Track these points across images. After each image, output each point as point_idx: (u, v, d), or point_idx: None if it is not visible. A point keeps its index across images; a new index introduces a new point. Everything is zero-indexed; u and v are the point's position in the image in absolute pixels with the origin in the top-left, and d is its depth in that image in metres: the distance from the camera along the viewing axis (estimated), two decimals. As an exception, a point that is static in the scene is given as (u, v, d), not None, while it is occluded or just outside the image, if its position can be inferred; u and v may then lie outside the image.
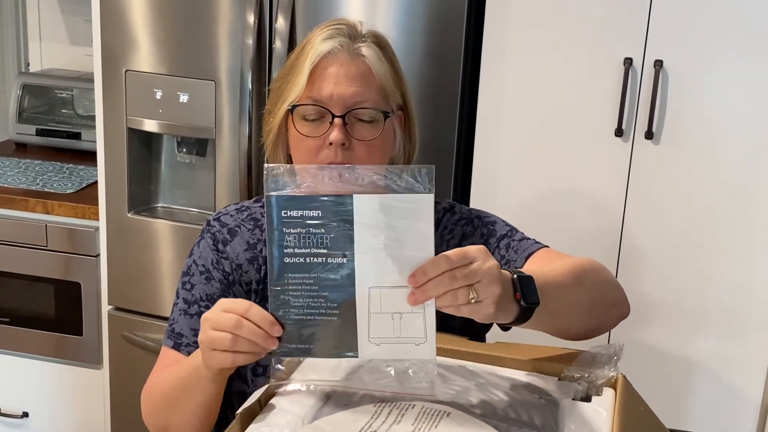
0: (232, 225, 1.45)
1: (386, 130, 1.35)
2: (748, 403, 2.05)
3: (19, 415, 2.77)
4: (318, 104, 1.31)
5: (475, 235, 1.43)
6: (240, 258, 1.42)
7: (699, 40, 1.92)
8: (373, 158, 1.34)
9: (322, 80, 1.31)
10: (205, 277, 1.42)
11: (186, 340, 1.41)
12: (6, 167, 2.81)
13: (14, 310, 2.68)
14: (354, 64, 1.32)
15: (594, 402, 1.09)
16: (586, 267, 1.31)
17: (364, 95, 1.32)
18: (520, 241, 1.42)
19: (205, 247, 1.44)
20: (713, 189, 1.98)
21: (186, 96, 2.27)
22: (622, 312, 1.36)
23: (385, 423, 1.00)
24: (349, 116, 1.32)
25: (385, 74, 1.34)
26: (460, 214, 1.47)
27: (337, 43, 1.32)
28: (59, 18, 3.25)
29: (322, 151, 1.32)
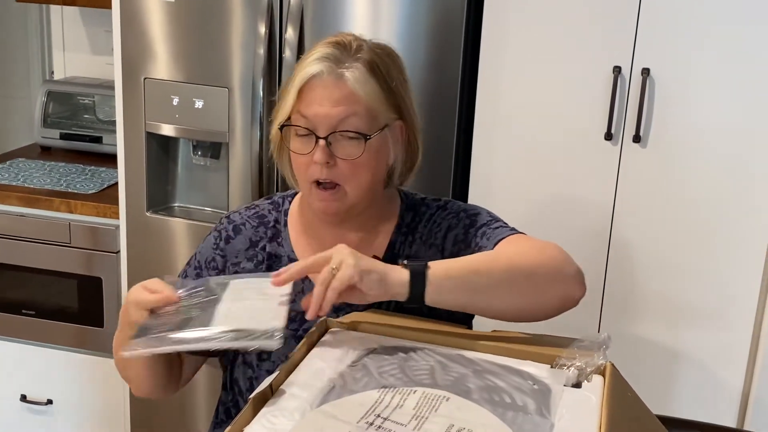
0: (238, 222, 1.47)
1: (371, 148, 1.34)
2: (730, 390, 2.06)
3: (43, 402, 2.77)
4: (303, 125, 1.32)
5: (458, 227, 1.43)
6: (240, 256, 1.44)
7: (684, 50, 1.92)
8: (358, 174, 1.34)
9: (310, 100, 1.32)
10: (196, 273, 1.46)
11: None
12: (32, 169, 2.82)
13: (39, 303, 2.68)
14: (337, 87, 1.31)
15: (584, 388, 1.09)
16: (538, 246, 1.31)
17: (346, 117, 1.31)
18: (495, 229, 1.41)
19: (207, 245, 1.47)
20: (697, 189, 1.98)
21: (201, 102, 2.28)
22: (567, 292, 1.29)
23: (388, 407, 1.00)
24: (332, 136, 1.32)
25: (370, 95, 1.33)
26: (449, 210, 1.46)
27: (323, 66, 1.31)
28: (82, 29, 3.25)
29: (310, 167, 1.33)
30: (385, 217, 1.45)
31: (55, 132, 3.00)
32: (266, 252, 1.44)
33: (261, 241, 1.44)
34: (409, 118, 1.41)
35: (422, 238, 1.44)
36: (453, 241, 1.42)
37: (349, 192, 1.35)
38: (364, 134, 1.33)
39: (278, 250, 1.43)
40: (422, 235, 1.44)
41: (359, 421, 0.97)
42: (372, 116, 1.34)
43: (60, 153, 3.02)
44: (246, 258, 1.44)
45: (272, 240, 1.44)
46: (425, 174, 2.13)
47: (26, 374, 2.77)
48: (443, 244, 1.43)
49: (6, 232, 2.64)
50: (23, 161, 2.91)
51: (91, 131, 2.98)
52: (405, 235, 1.44)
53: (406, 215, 1.45)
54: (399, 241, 1.44)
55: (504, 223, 1.44)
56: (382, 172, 1.40)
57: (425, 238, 1.44)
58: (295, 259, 1.43)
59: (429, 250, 1.43)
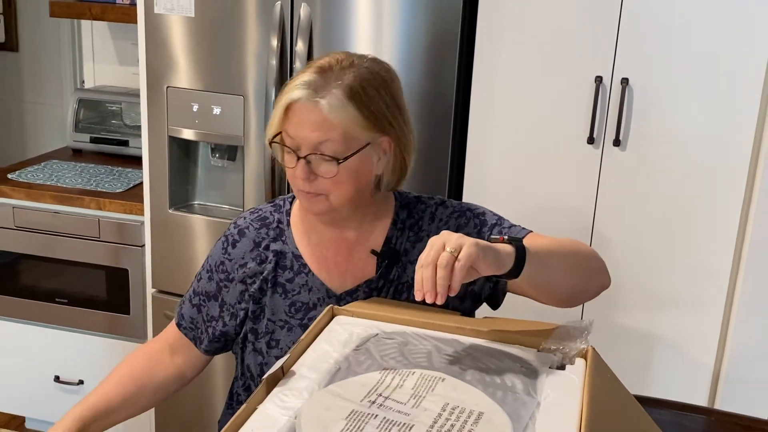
0: (243, 226, 1.46)
1: (347, 167, 1.31)
2: (702, 371, 2.06)
3: (75, 383, 2.78)
4: (288, 144, 1.32)
5: (468, 226, 1.43)
6: (245, 257, 1.43)
7: (659, 61, 1.92)
8: (337, 187, 1.33)
9: (293, 124, 1.31)
10: (208, 276, 1.47)
11: (185, 324, 1.50)
12: (64, 170, 2.83)
13: (71, 292, 2.69)
14: (314, 113, 1.29)
15: (568, 370, 1.10)
16: (570, 241, 1.35)
17: (322, 142, 1.29)
18: (509, 229, 1.42)
19: (216, 250, 1.47)
20: (672, 189, 1.99)
21: (219, 109, 2.28)
22: (603, 281, 1.37)
23: (389, 387, 1.00)
24: (312, 155, 1.30)
25: (346, 120, 1.29)
26: (452, 208, 1.46)
27: (302, 93, 1.29)
28: (110, 42, 3.26)
29: (295, 178, 1.34)
30: (380, 215, 1.44)
31: (86, 136, 3.01)
32: (271, 250, 1.43)
33: (264, 241, 1.44)
34: (395, 134, 1.36)
35: (429, 235, 1.42)
36: None
37: (332, 200, 1.34)
38: (337, 158, 1.30)
39: (283, 248, 1.43)
40: (429, 232, 1.43)
41: (362, 400, 0.97)
42: (349, 139, 1.30)
43: (90, 155, 3.03)
44: (251, 258, 1.43)
45: (276, 239, 1.44)
46: (423, 176, 2.14)
47: (59, 357, 2.78)
48: None
49: (41, 227, 2.65)
50: (56, 162, 2.92)
51: (119, 135, 2.99)
52: (401, 231, 1.43)
53: (401, 212, 1.45)
54: (395, 236, 1.43)
55: (511, 221, 1.45)
56: (366, 182, 1.37)
57: (433, 234, 1.43)
58: (298, 254, 1.42)
59: None
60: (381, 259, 1.41)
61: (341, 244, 1.43)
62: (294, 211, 1.47)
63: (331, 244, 1.43)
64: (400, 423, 0.92)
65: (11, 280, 2.74)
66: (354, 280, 1.42)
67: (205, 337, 1.47)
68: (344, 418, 0.93)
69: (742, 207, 1.95)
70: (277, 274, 1.42)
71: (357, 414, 0.94)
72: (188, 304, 1.49)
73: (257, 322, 1.43)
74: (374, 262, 1.42)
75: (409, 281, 1.41)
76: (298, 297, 1.41)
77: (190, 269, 2.43)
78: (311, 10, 2.14)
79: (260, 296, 1.42)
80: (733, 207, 1.95)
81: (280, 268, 1.42)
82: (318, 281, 1.41)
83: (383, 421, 0.92)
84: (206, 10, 2.23)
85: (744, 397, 2.03)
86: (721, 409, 1.45)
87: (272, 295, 1.42)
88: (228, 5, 2.21)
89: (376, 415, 0.94)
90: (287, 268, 1.42)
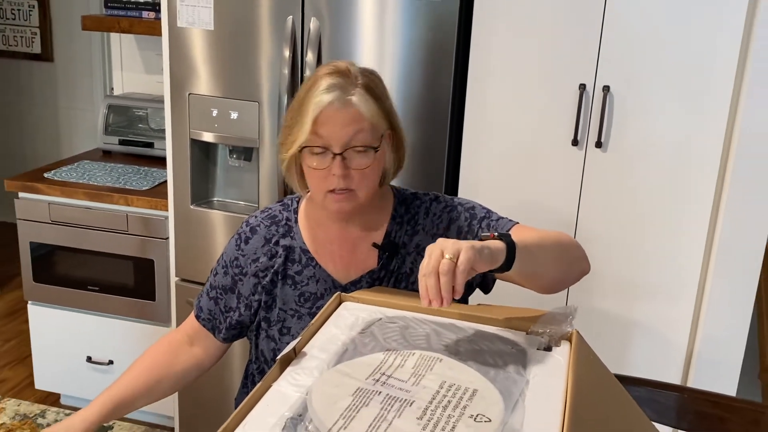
0: (254, 224, 1.46)
1: (377, 157, 1.34)
2: (676, 352, 2.06)
3: (105, 362, 2.79)
4: (321, 144, 1.31)
5: (459, 219, 1.42)
6: (257, 252, 1.43)
7: (638, 71, 1.92)
8: (368, 180, 1.34)
9: (324, 125, 1.30)
10: (224, 271, 1.46)
11: (203, 315, 1.48)
12: (95, 170, 2.83)
13: (102, 280, 2.70)
14: (347, 111, 1.30)
15: (554, 352, 1.10)
16: (554, 232, 1.34)
17: (356, 134, 1.30)
18: (497, 221, 1.41)
19: (231, 246, 1.46)
20: (648, 186, 1.99)
21: (236, 114, 2.28)
22: (583, 267, 1.37)
23: (391, 366, 1.01)
24: (346, 152, 1.31)
25: (371, 113, 1.31)
26: (444, 203, 1.45)
27: (333, 96, 1.29)
28: (137, 53, 3.26)
29: (327, 178, 1.32)
30: (380, 210, 1.44)
31: (115, 138, 3.02)
32: (281, 245, 1.43)
33: (274, 238, 1.44)
34: (396, 128, 1.39)
35: (425, 229, 1.43)
36: (457, 232, 1.41)
37: (359, 195, 1.34)
38: (374, 147, 1.32)
39: (291, 243, 1.43)
40: (424, 226, 1.43)
41: (367, 378, 0.97)
42: (375, 130, 1.33)
43: (119, 156, 3.03)
44: (263, 253, 1.43)
45: (285, 235, 1.44)
46: (422, 175, 2.15)
47: (91, 339, 2.79)
48: (446, 235, 1.41)
49: (74, 222, 2.66)
50: (88, 163, 2.92)
51: (145, 138, 2.99)
52: (399, 225, 1.43)
53: (399, 208, 1.44)
54: (395, 230, 1.43)
55: (498, 214, 1.44)
56: (381, 175, 1.39)
57: (428, 228, 1.43)
58: (306, 249, 1.42)
59: (432, 239, 1.42)
60: (382, 252, 1.41)
61: (346, 238, 1.43)
62: (301, 209, 1.46)
63: (337, 240, 1.43)
64: (402, 399, 0.92)
65: (48, 269, 2.74)
66: (357, 271, 1.42)
67: (222, 326, 1.47)
68: (351, 395, 0.93)
69: (712, 203, 1.95)
70: (287, 267, 1.42)
71: (362, 391, 0.94)
72: (206, 297, 1.48)
73: (269, 311, 1.43)
74: (376, 255, 1.42)
75: (407, 271, 1.42)
76: (307, 288, 1.42)
77: (210, 260, 2.43)
78: (320, 23, 2.14)
79: (272, 288, 1.42)
80: (704, 203, 1.95)
81: (289, 261, 1.42)
82: (324, 273, 1.41)
83: (386, 397, 0.93)
84: (224, 24, 2.23)
85: (713, 376, 2.03)
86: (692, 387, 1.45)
87: (283, 287, 1.42)
88: (244, 19, 2.21)
89: (379, 392, 0.94)
90: (296, 262, 1.42)
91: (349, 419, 0.87)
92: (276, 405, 0.92)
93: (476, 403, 0.92)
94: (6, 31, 4.39)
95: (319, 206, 1.41)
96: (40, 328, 2.82)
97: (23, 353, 3.30)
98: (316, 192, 1.36)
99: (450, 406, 0.91)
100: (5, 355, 3.32)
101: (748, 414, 1.38)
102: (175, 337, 1.50)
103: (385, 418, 0.87)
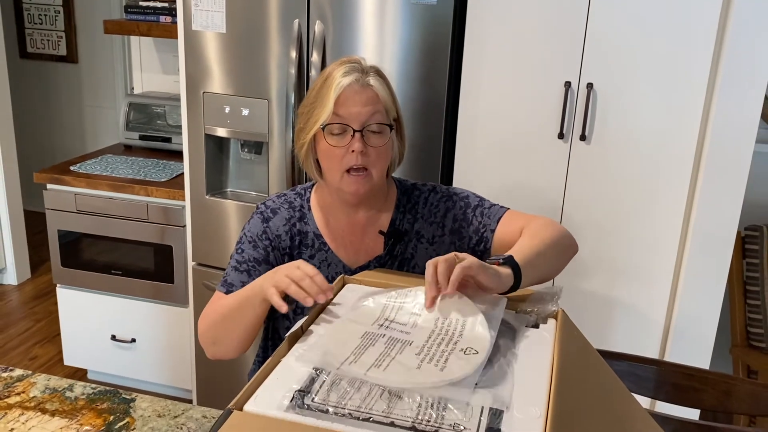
0: (273, 207, 1.45)
1: (390, 139, 1.35)
2: (655, 329, 2.06)
3: (128, 341, 2.80)
4: (342, 122, 1.31)
5: (455, 208, 1.43)
6: (279, 230, 1.42)
7: (620, 69, 1.92)
8: (382, 160, 1.34)
9: (344, 104, 1.30)
10: (252, 245, 1.41)
11: (235, 289, 1.38)
12: (118, 163, 2.83)
13: (125, 265, 2.71)
14: (366, 92, 1.31)
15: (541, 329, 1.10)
16: (547, 228, 1.31)
17: (373, 114, 1.31)
18: (490, 208, 1.42)
19: (255, 223, 1.43)
20: (629, 176, 1.98)
21: (247, 110, 2.28)
22: (574, 251, 1.37)
23: (393, 310, 1.04)
24: (365, 130, 1.31)
25: (386, 97, 1.34)
26: (441, 193, 1.46)
27: (353, 77, 1.31)
28: (155, 55, 3.25)
29: (346, 157, 1.32)
30: (385, 200, 1.44)
31: (135, 134, 3.01)
32: (296, 229, 1.43)
33: (292, 220, 1.43)
34: (401, 119, 1.40)
35: (423, 217, 1.43)
36: (453, 220, 1.42)
37: (374, 175, 1.34)
38: (389, 124, 1.33)
39: (305, 228, 1.42)
40: (423, 215, 1.43)
41: (373, 324, 1.03)
42: (388, 112, 1.34)
43: (139, 150, 3.03)
44: (284, 232, 1.42)
45: (300, 220, 1.43)
46: (419, 164, 2.14)
47: (115, 319, 2.80)
48: (443, 222, 1.42)
49: (99, 211, 2.66)
50: (111, 156, 2.92)
51: (163, 133, 2.98)
52: (402, 214, 1.44)
53: (402, 198, 1.45)
54: (398, 218, 1.43)
55: (492, 202, 1.44)
56: (389, 162, 1.39)
57: (426, 217, 1.43)
58: (319, 234, 1.42)
59: (431, 227, 1.43)
60: (388, 239, 1.41)
61: (355, 225, 1.43)
62: (313, 197, 1.46)
63: (347, 226, 1.43)
64: (403, 340, 0.98)
65: (74, 255, 2.75)
66: (366, 256, 1.42)
67: None
68: (360, 337, 0.98)
69: (687, 191, 1.95)
70: (301, 251, 1.42)
71: (369, 334, 0.99)
72: (235, 273, 1.40)
73: None
74: (382, 241, 1.42)
75: (409, 257, 1.42)
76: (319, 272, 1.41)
77: (225, 245, 2.44)
78: (324, 26, 2.13)
79: None
80: (680, 191, 1.95)
81: (303, 246, 1.42)
82: (336, 258, 1.41)
83: (390, 339, 0.98)
84: (235, 27, 2.22)
85: (689, 351, 2.04)
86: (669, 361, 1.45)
87: None
88: (254, 22, 2.20)
89: (384, 335, 0.99)
90: (309, 246, 1.42)
91: (359, 355, 0.93)
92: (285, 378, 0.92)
93: (466, 338, 0.98)
94: (34, 35, 4.37)
95: (334, 189, 1.39)
96: (68, 309, 2.83)
97: (53, 332, 3.31)
98: (334, 173, 1.35)
99: (444, 342, 0.97)
100: (36, 334, 3.33)
101: (720, 385, 1.39)
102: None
103: (389, 355, 0.94)
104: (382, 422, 0.83)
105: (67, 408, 1.31)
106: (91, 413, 1.30)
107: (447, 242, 1.42)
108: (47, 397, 1.34)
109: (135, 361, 2.82)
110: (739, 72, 1.83)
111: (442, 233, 1.42)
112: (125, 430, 1.25)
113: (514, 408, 0.87)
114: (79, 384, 1.39)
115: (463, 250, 1.41)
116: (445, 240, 1.42)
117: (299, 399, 0.87)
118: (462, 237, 1.41)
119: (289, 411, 0.84)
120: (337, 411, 0.84)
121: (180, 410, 1.32)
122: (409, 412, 0.84)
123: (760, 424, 2.18)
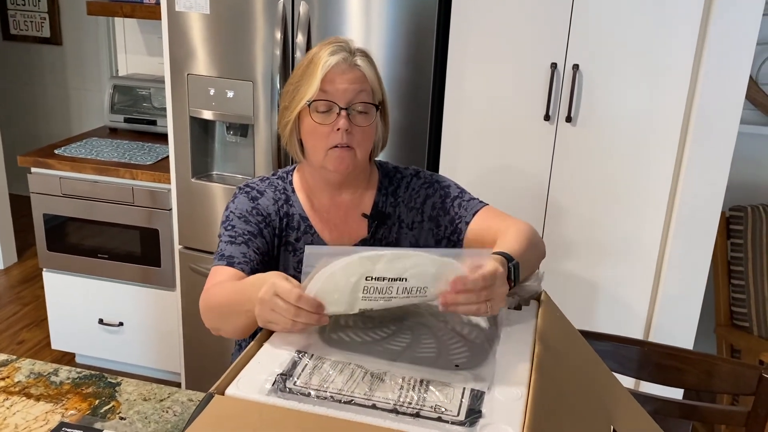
0: (258, 188, 1.42)
1: (374, 119, 1.35)
2: (637, 312, 2.08)
3: (116, 324, 2.80)
4: (328, 99, 1.30)
5: (435, 196, 1.43)
6: (269, 209, 1.39)
7: (605, 51, 1.91)
8: (366, 141, 1.34)
9: (331, 82, 1.30)
10: (243, 220, 1.36)
11: (237, 260, 1.30)
12: (103, 146, 2.81)
13: (112, 249, 2.69)
14: (352, 71, 1.31)
15: (523, 310, 1.11)
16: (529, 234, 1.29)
17: (360, 92, 1.31)
18: (468, 201, 1.41)
19: (241, 201, 1.39)
20: (614, 158, 1.99)
21: (232, 92, 2.26)
22: (544, 256, 1.34)
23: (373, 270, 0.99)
24: (350, 109, 1.31)
25: (372, 78, 1.34)
26: (423, 179, 1.45)
27: (341, 57, 1.31)
28: (139, 36, 3.22)
29: (331, 135, 1.31)
30: (368, 182, 1.44)
31: (120, 117, 2.99)
32: (284, 211, 1.42)
33: (279, 202, 1.42)
34: (386, 102, 1.40)
35: (404, 202, 1.43)
36: (431, 207, 1.42)
37: (358, 154, 1.33)
38: (375, 104, 1.33)
39: (291, 210, 1.42)
40: (404, 199, 1.43)
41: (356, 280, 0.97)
42: (374, 93, 1.34)
43: (124, 133, 3.00)
44: (274, 212, 1.39)
45: (286, 202, 1.42)
46: (406, 147, 2.14)
47: (102, 303, 2.79)
48: (422, 208, 1.42)
49: (84, 194, 2.64)
50: (96, 139, 2.90)
51: (148, 116, 2.96)
52: (385, 196, 1.43)
53: (384, 180, 1.45)
54: (381, 201, 1.43)
55: (471, 195, 1.43)
56: (373, 144, 1.39)
57: (406, 201, 1.43)
58: (305, 216, 1.41)
59: (410, 212, 1.43)
60: (371, 221, 1.41)
61: (339, 207, 1.42)
62: (295, 180, 1.45)
63: (331, 208, 1.42)
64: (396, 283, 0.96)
65: (61, 239, 2.73)
66: (351, 239, 1.42)
67: (259, 267, 1.34)
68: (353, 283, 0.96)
69: (672, 172, 1.96)
70: (288, 234, 1.41)
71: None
72: (232, 246, 1.31)
73: None
74: (366, 224, 1.41)
75: (393, 240, 1.42)
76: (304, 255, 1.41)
77: (211, 228, 2.43)
78: (309, 7, 2.11)
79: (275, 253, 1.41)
80: (664, 172, 1.96)
81: (290, 228, 1.41)
82: (321, 241, 1.41)
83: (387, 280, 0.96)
84: (220, 8, 2.20)
85: (672, 332, 2.06)
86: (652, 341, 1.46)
87: (284, 253, 1.41)
88: (238, 3, 2.18)
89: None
90: (295, 229, 1.41)
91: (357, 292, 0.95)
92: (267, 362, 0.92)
93: (432, 286, 0.97)
94: (17, 16, 4.31)
95: (317, 169, 1.37)
96: (55, 293, 2.82)
97: (40, 316, 3.30)
98: (318, 151, 1.34)
99: (413, 291, 0.96)
100: (24, 318, 3.32)
101: (703, 365, 1.40)
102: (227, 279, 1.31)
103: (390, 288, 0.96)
104: (363, 405, 0.83)
105: (53, 392, 1.31)
106: (76, 397, 1.30)
107: (426, 228, 1.42)
108: (32, 381, 1.34)
109: (123, 344, 2.82)
110: (724, 53, 1.83)
111: (421, 219, 1.42)
112: (111, 413, 1.25)
113: (495, 389, 0.88)
114: (64, 368, 1.39)
115: (439, 238, 1.41)
116: (424, 226, 1.42)
117: (281, 383, 0.87)
118: (439, 225, 1.41)
119: (271, 395, 0.85)
120: (319, 394, 0.85)
121: (166, 393, 1.32)
122: (390, 395, 0.85)
123: (743, 403, 2.21)
